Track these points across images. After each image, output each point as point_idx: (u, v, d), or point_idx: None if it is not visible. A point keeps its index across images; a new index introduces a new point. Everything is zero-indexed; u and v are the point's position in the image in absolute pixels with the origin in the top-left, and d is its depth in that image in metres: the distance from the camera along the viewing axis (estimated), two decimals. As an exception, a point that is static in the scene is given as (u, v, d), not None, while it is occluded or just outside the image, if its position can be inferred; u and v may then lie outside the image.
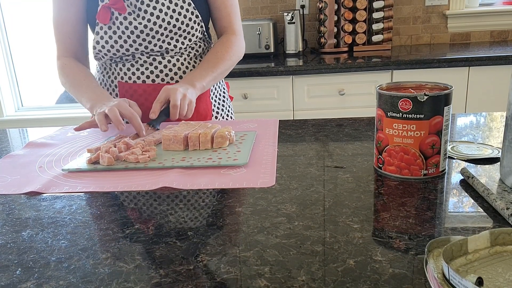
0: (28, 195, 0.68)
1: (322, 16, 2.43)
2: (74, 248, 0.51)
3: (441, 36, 2.55)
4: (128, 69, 1.09)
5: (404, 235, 0.50)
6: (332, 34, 2.44)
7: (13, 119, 3.01)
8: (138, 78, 1.09)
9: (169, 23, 1.04)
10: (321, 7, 2.41)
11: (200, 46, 1.14)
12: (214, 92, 1.20)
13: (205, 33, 1.14)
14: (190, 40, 1.09)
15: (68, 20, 1.09)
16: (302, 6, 2.56)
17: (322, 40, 2.46)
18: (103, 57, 1.10)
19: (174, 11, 1.04)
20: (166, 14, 1.03)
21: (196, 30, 1.09)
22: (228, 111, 1.26)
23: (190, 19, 1.06)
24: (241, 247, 0.49)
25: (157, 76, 1.09)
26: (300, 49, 2.49)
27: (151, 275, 0.45)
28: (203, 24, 1.10)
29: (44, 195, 0.67)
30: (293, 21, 2.42)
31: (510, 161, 0.60)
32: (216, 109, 1.20)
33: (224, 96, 1.25)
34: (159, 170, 0.74)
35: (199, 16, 1.08)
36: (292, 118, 1.60)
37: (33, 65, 3.12)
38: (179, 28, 1.05)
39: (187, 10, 1.05)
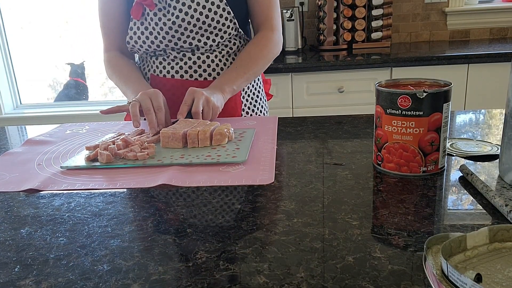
0: (26, 192, 0.68)
1: (321, 13, 2.42)
2: (72, 245, 0.51)
3: (440, 33, 2.55)
4: (160, 63, 1.09)
5: (403, 232, 0.50)
6: (331, 31, 2.43)
7: (11, 116, 3.00)
8: (168, 72, 1.09)
9: (198, 20, 1.01)
10: (320, 4, 2.40)
11: (234, 44, 1.11)
12: (246, 91, 1.16)
13: (240, 30, 1.09)
14: (222, 37, 1.06)
15: (113, 14, 1.10)
16: (301, 3, 2.55)
17: (321, 37, 2.45)
18: (138, 52, 1.11)
19: (204, 7, 1.01)
20: (195, 10, 1.01)
21: (229, 27, 1.05)
22: (260, 110, 1.21)
23: (221, 16, 1.03)
24: (240, 244, 0.49)
25: (186, 72, 1.08)
26: (299, 47, 2.49)
27: (150, 272, 0.45)
28: (236, 20, 1.06)
29: (43, 192, 0.67)
30: (292, 18, 2.42)
31: (509, 158, 0.60)
32: (246, 109, 1.16)
33: (257, 96, 1.21)
34: (158, 167, 0.74)
35: (231, 12, 1.04)
36: (291, 116, 1.60)
37: (31, 62, 3.11)
38: (209, 25, 1.03)
39: (218, 7, 1.02)
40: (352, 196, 0.60)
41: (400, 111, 0.63)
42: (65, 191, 0.67)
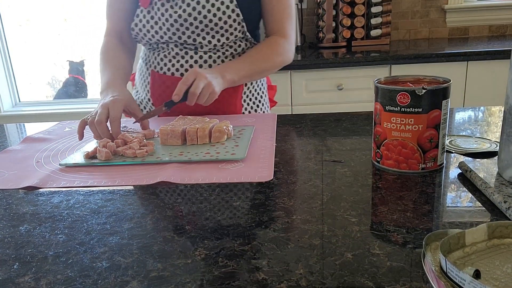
0: (25, 189, 0.68)
1: (320, 11, 2.42)
2: (71, 243, 0.51)
3: (439, 30, 2.55)
4: (161, 59, 1.07)
5: (402, 228, 0.50)
6: (331, 28, 2.43)
7: (10, 114, 2.99)
8: (169, 69, 1.07)
9: (205, 16, 0.99)
10: (320, 1, 2.40)
11: (239, 46, 1.08)
12: (247, 94, 1.14)
13: (248, 34, 1.07)
14: (227, 38, 1.04)
15: (120, 0, 1.09)
16: (301, 1, 2.55)
17: (321, 34, 2.45)
18: (141, 40, 1.09)
19: (213, 5, 0.99)
20: (203, 7, 0.99)
21: (236, 29, 1.03)
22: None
23: (229, 17, 1.01)
24: (239, 241, 0.49)
25: (187, 70, 1.05)
26: (298, 44, 2.48)
27: (149, 269, 0.45)
28: (244, 24, 1.03)
29: (42, 190, 0.67)
30: (291, 15, 2.41)
31: (508, 154, 0.60)
32: (247, 112, 1.14)
33: (259, 101, 1.18)
34: (157, 164, 0.74)
35: (241, 14, 1.02)
36: (291, 113, 1.60)
37: (30, 60, 3.11)
38: (216, 24, 1.00)
39: (228, 7, 1.00)
40: (351, 193, 0.60)
41: (399, 108, 0.63)
42: (64, 189, 0.67)
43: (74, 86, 3.25)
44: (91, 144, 0.87)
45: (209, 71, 0.95)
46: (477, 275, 0.38)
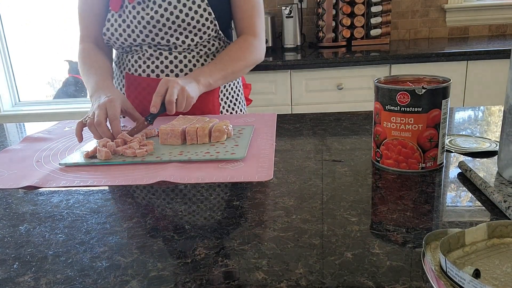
0: (25, 189, 0.68)
1: (320, 10, 2.42)
2: (71, 242, 0.51)
3: (439, 30, 2.55)
4: (136, 61, 1.07)
5: (401, 228, 0.50)
6: (330, 28, 2.43)
7: (10, 114, 2.99)
8: (144, 71, 1.07)
9: (177, 17, 1.00)
10: (319, 1, 2.40)
11: (213, 45, 1.09)
12: (224, 93, 1.15)
13: (220, 32, 1.08)
14: (200, 37, 1.05)
15: (92, 5, 1.08)
16: (300, 0, 2.55)
17: (320, 34, 2.45)
18: (114, 45, 1.09)
19: (184, 5, 1.00)
20: (175, 7, 1.00)
21: (208, 27, 1.04)
22: (238, 114, 1.20)
23: (201, 16, 1.01)
24: (239, 241, 0.49)
25: (162, 71, 1.06)
26: (298, 44, 2.48)
27: (148, 269, 0.45)
28: (216, 22, 1.05)
29: (41, 189, 0.67)
30: (291, 15, 2.41)
31: (508, 154, 0.60)
32: (224, 111, 1.15)
33: (236, 99, 1.20)
34: (157, 164, 0.74)
35: (212, 13, 1.03)
36: (290, 113, 1.60)
37: (30, 60, 3.10)
38: (188, 24, 1.01)
39: (199, 6, 1.01)
40: (351, 192, 0.60)
41: (399, 108, 0.63)
42: (63, 188, 0.67)
43: (74, 86, 3.25)
44: (91, 144, 0.87)
45: (182, 78, 0.96)
46: (476, 274, 0.38)
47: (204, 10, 1.02)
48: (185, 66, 1.07)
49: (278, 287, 0.41)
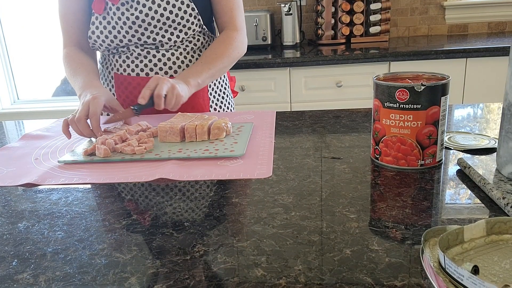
0: (24, 187, 0.68)
1: (319, 7, 2.41)
2: (70, 239, 0.51)
3: (438, 27, 2.55)
4: (124, 61, 1.08)
5: (400, 224, 0.50)
6: (330, 25, 2.43)
7: (9, 112, 2.99)
8: (133, 70, 1.08)
9: (162, 15, 1.01)
10: (319, -2, 2.39)
11: (198, 40, 1.11)
12: (213, 88, 1.17)
13: (204, 27, 1.10)
14: (186, 33, 1.06)
15: (72, 10, 1.08)
16: (299, -2, 2.54)
17: (320, 31, 2.44)
18: (99, 48, 1.09)
19: (168, 3, 1.01)
20: (159, 6, 1.01)
21: (193, 23, 1.05)
22: (227, 107, 1.23)
23: (185, 12, 1.03)
24: (238, 238, 0.49)
25: (151, 69, 1.07)
26: (298, 41, 2.48)
27: (147, 266, 0.45)
28: (200, 17, 1.07)
29: (40, 187, 0.67)
30: (290, 12, 2.41)
31: (507, 151, 0.60)
32: (214, 105, 1.17)
33: (224, 92, 1.22)
34: (156, 161, 0.74)
35: (195, 8, 1.04)
36: (290, 110, 1.60)
37: (29, 58, 3.10)
38: (173, 21, 1.03)
39: (182, 3, 1.02)
40: (350, 189, 0.60)
41: (398, 105, 0.63)
42: (62, 186, 0.67)
43: (73, 84, 3.23)
44: (89, 141, 0.86)
45: (172, 79, 0.97)
46: (475, 270, 0.38)
47: (188, 6, 1.03)
48: (173, 63, 1.08)
49: (277, 284, 0.41)
